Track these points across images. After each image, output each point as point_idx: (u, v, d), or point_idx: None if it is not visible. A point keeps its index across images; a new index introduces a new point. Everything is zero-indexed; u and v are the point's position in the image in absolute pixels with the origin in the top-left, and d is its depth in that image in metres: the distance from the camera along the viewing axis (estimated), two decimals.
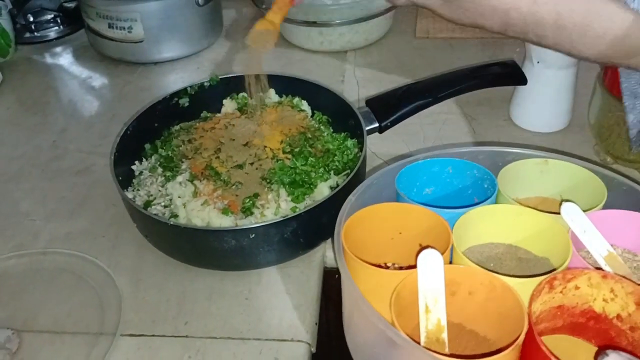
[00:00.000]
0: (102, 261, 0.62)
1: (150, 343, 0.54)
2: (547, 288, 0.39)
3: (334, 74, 0.90)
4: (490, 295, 0.40)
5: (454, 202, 0.53)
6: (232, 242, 0.56)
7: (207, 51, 0.98)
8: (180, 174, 0.62)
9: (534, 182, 0.52)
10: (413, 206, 0.47)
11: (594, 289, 0.40)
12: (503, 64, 0.72)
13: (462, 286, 0.41)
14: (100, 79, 0.95)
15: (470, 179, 0.53)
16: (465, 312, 0.42)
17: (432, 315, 0.38)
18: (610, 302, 0.39)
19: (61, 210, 0.70)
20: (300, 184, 0.61)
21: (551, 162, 0.51)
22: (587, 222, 0.43)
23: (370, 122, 0.68)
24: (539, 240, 0.46)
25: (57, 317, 0.57)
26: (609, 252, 0.43)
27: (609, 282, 0.39)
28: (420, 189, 0.54)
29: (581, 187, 0.49)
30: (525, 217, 0.46)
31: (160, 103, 0.71)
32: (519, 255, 0.47)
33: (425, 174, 0.54)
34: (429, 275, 0.39)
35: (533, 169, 0.51)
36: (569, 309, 0.41)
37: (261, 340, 0.54)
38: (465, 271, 0.41)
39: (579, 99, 0.75)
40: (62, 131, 0.83)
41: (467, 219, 0.45)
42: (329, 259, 0.63)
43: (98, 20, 0.92)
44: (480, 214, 0.46)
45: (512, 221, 0.46)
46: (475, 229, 0.46)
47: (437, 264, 0.39)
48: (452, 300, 0.41)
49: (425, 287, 0.39)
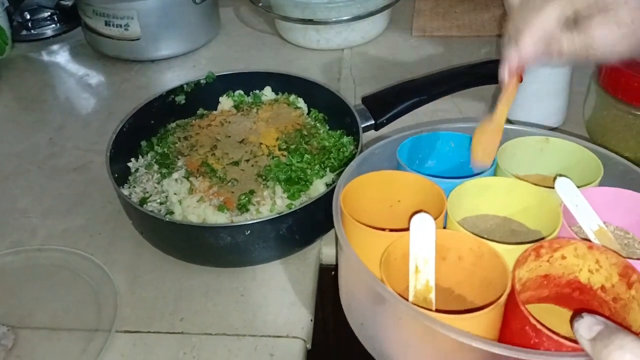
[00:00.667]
0: (99, 258, 0.62)
1: (146, 339, 0.55)
2: (534, 255, 0.40)
3: (331, 72, 0.90)
4: (479, 261, 0.41)
5: (455, 175, 0.53)
6: (227, 238, 0.56)
7: (204, 49, 0.98)
8: (176, 171, 0.63)
9: (534, 160, 0.52)
10: (410, 174, 0.48)
11: (580, 260, 0.40)
12: (499, 61, 0.72)
13: (451, 251, 0.42)
14: (97, 77, 0.95)
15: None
16: (454, 277, 0.43)
17: (422, 276, 0.39)
18: (595, 273, 0.40)
19: (58, 207, 0.70)
20: (296, 181, 0.61)
21: (552, 140, 0.51)
22: (580, 197, 0.44)
23: (366, 120, 0.68)
24: (532, 213, 0.46)
25: (53, 313, 0.57)
26: (600, 227, 0.43)
27: (595, 253, 0.39)
28: (422, 161, 0.55)
29: (579, 165, 0.50)
30: (520, 190, 0.46)
31: (156, 100, 0.71)
32: (512, 228, 0.47)
33: (427, 147, 0.54)
34: (420, 238, 0.40)
35: (534, 147, 0.52)
36: (555, 279, 0.41)
37: (256, 336, 0.54)
38: (455, 236, 0.42)
39: (574, 96, 0.75)
40: (59, 129, 0.83)
41: (462, 189, 0.46)
42: (324, 255, 0.63)
43: (95, 17, 0.92)
44: (476, 185, 0.47)
45: (506, 194, 0.47)
46: (470, 200, 0.47)
47: (428, 228, 0.40)
48: (442, 264, 0.42)
49: (417, 248, 0.40)
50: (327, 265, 0.64)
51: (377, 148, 0.52)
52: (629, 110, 0.64)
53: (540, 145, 0.52)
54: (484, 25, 0.98)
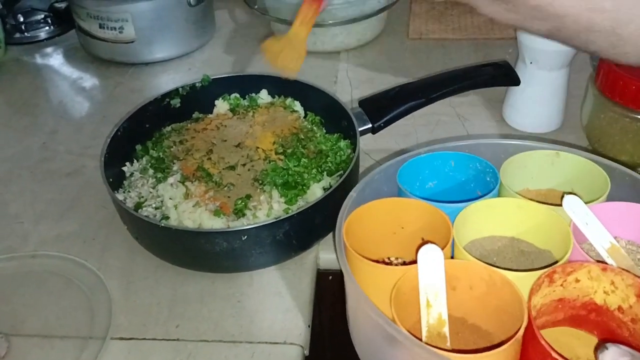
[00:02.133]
0: (92, 264, 0.61)
1: (140, 346, 0.54)
2: (547, 282, 0.39)
3: (327, 75, 0.90)
4: (491, 290, 0.40)
5: (456, 195, 0.53)
6: (223, 244, 0.55)
7: (199, 52, 0.98)
8: (171, 176, 0.62)
9: (545, 173, 0.52)
10: (413, 201, 0.47)
11: (594, 282, 0.40)
12: (496, 64, 0.72)
13: (462, 281, 0.41)
14: (91, 80, 0.94)
15: (473, 172, 0.53)
16: (466, 306, 0.42)
17: (433, 310, 0.39)
18: (611, 294, 0.39)
19: (51, 212, 0.69)
20: (293, 185, 0.61)
21: (562, 154, 0.51)
22: (589, 214, 0.43)
23: (363, 123, 0.68)
24: (540, 233, 0.46)
25: (47, 320, 0.56)
26: (612, 244, 0.43)
27: (609, 275, 0.39)
28: (422, 182, 0.54)
29: (588, 179, 0.50)
30: (526, 210, 0.46)
31: (151, 104, 0.71)
32: (521, 248, 0.47)
33: (427, 168, 0.54)
34: (429, 270, 0.39)
35: (544, 160, 0.52)
36: (570, 302, 0.41)
37: (253, 343, 0.54)
38: (465, 266, 0.41)
39: (571, 100, 0.75)
40: (52, 133, 0.82)
41: (467, 212, 0.45)
42: (322, 260, 0.62)
43: (89, 20, 0.92)
44: (481, 207, 0.46)
45: (513, 214, 0.46)
46: (477, 223, 0.46)
47: (437, 259, 0.39)
48: (453, 294, 0.41)
49: (426, 282, 0.39)
50: (324, 270, 0.64)
51: (377, 174, 0.51)
52: (626, 113, 0.64)
53: (551, 159, 0.52)
54: (480, 28, 0.97)
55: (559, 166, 0.51)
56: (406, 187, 0.50)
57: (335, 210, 0.62)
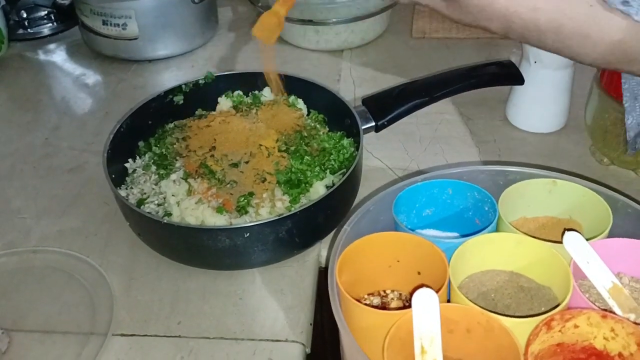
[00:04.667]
0: (94, 260, 0.61)
1: (142, 343, 0.54)
2: (545, 329, 0.39)
3: (330, 73, 0.90)
4: (488, 335, 0.39)
5: (454, 223, 0.53)
6: (226, 241, 0.55)
7: (202, 49, 0.98)
8: (174, 172, 0.62)
9: (543, 201, 0.51)
10: (408, 235, 0.46)
11: (594, 328, 0.39)
12: (500, 63, 0.72)
13: (459, 324, 0.41)
14: (93, 77, 0.94)
15: (471, 200, 0.52)
16: (464, 349, 0.41)
17: (428, 356, 0.38)
18: (611, 341, 0.39)
19: (53, 208, 0.69)
20: (296, 183, 0.60)
21: (559, 182, 0.50)
22: (590, 252, 0.42)
23: (367, 121, 0.67)
24: (540, 269, 0.45)
25: (48, 316, 0.56)
26: (614, 284, 0.42)
27: (609, 322, 0.38)
28: (419, 210, 0.53)
29: (588, 207, 0.49)
30: (526, 246, 0.45)
31: (154, 100, 0.70)
32: (521, 284, 0.46)
33: (425, 195, 0.53)
34: (424, 316, 0.38)
35: (542, 189, 0.51)
36: (569, 346, 0.40)
37: (255, 340, 0.54)
38: (461, 310, 0.40)
39: (575, 99, 0.75)
40: (54, 128, 0.82)
41: (465, 248, 0.44)
42: (324, 258, 0.62)
43: (92, 17, 0.92)
44: (479, 242, 0.45)
45: (512, 249, 0.45)
46: (475, 257, 0.45)
47: (432, 304, 0.38)
48: (450, 337, 0.40)
49: (421, 327, 0.38)
50: (326, 268, 0.64)
51: (372, 204, 0.49)
52: None
53: (548, 187, 0.51)
54: None
55: (556, 194, 0.50)
56: (403, 215, 0.50)
57: (337, 208, 0.62)
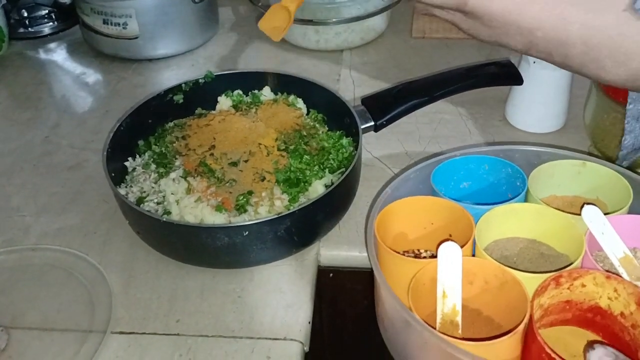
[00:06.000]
0: (93, 258, 0.61)
1: (140, 341, 0.54)
2: (554, 284, 0.42)
3: (330, 73, 0.90)
4: (503, 286, 0.43)
5: (489, 196, 0.57)
6: (225, 239, 0.55)
7: (202, 48, 0.98)
8: (173, 171, 0.62)
9: (572, 181, 0.55)
10: (443, 200, 0.51)
11: (599, 287, 0.42)
12: (499, 63, 0.72)
13: (478, 276, 0.45)
14: (94, 75, 0.94)
15: (504, 176, 0.56)
16: (481, 299, 0.46)
17: (449, 300, 0.42)
18: (614, 301, 0.42)
19: (52, 205, 0.69)
20: (295, 182, 0.61)
21: (588, 164, 0.54)
22: (606, 224, 0.45)
23: (366, 121, 0.68)
24: (559, 238, 0.49)
25: (47, 314, 0.56)
26: (625, 255, 0.45)
27: (613, 283, 0.42)
28: (457, 183, 0.58)
29: (613, 189, 0.52)
30: (546, 216, 0.49)
31: (154, 99, 0.71)
32: (541, 251, 0.50)
33: (462, 169, 0.57)
34: (447, 265, 0.43)
35: (572, 169, 0.54)
36: (577, 304, 0.44)
37: (253, 338, 0.54)
38: (479, 263, 0.45)
39: (574, 100, 0.75)
40: (54, 127, 0.82)
41: (491, 215, 0.49)
42: (323, 257, 0.62)
43: (93, 16, 0.92)
44: (505, 211, 0.49)
45: (534, 218, 0.49)
46: (500, 224, 0.50)
47: (455, 256, 0.43)
48: (470, 288, 0.45)
49: (444, 275, 0.43)
50: (325, 267, 0.64)
51: (412, 173, 0.55)
52: None
53: (578, 168, 0.54)
54: None
55: (585, 175, 0.54)
56: (441, 186, 0.54)
57: (336, 207, 0.62)
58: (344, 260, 0.63)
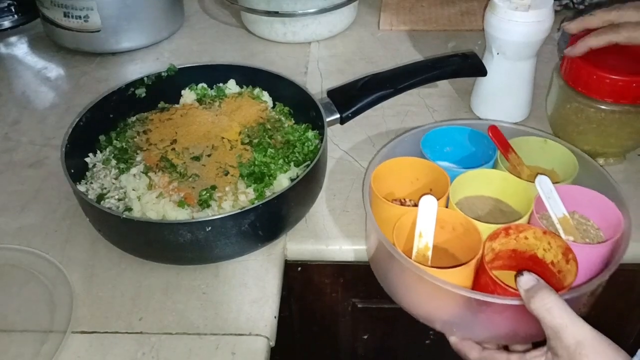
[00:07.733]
0: (54, 256, 0.60)
1: (102, 340, 0.53)
2: (504, 233, 0.53)
3: (297, 65, 0.89)
4: (466, 232, 0.54)
5: (467, 162, 0.67)
6: (187, 235, 0.54)
7: (168, 41, 0.96)
8: (134, 166, 0.61)
9: (536, 155, 0.64)
10: (427, 162, 0.61)
11: (537, 240, 0.53)
12: (463, 55, 0.73)
13: (448, 223, 0.56)
14: (56, 70, 0.92)
15: (481, 146, 0.65)
16: (449, 241, 0.57)
17: (423, 240, 0.54)
18: (547, 252, 0.52)
19: (12, 204, 0.67)
20: (259, 176, 0.60)
21: (549, 142, 0.64)
22: (552, 191, 0.56)
23: (331, 113, 0.67)
24: (516, 199, 0.60)
25: (6, 314, 0.55)
26: (564, 215, 0.56)
27: (547, 237, 0.52)
28: (442, 147, 0.67)
29: (563, 163, 0.63)
30: (509, 181, 0.60)
31: (115, 94, 0.69)
32: (501, 208, 0.61)
33: (448, 137, 0.66)
34: (425, 213, 0.54)
35: (536, 145, 0.64)
36: (520, 253, 0.54)
37: (218, 335, 0.53)
38: (450, 213, 0.55)
39: (538, 90, 0.76)
40: (14, 123, 0.80)
41: (464, 176, 0.59)
42: (289, 251, 0.62)
43: (53, 9, 0.89)
44: (475, 174, 0.60)
45: (498, 182, 0.60)
46: (471, 184, 0.60)
47: (432, 206, 0.54)
48: (441, 232, 0.56)
49: (421, 220, 0.54)
50: (293, 261, 0.63)
51: (407, 137, 0.65)
52: (590, 103, 0.65)
53: (541, 144, 0.64)
54: (450, 19, 0.98)
55: (546, 150, 0.64)
56: (428, 150, 0.63)
57: (302, 200, 0.62)
58: (311, 254, 0.63)
